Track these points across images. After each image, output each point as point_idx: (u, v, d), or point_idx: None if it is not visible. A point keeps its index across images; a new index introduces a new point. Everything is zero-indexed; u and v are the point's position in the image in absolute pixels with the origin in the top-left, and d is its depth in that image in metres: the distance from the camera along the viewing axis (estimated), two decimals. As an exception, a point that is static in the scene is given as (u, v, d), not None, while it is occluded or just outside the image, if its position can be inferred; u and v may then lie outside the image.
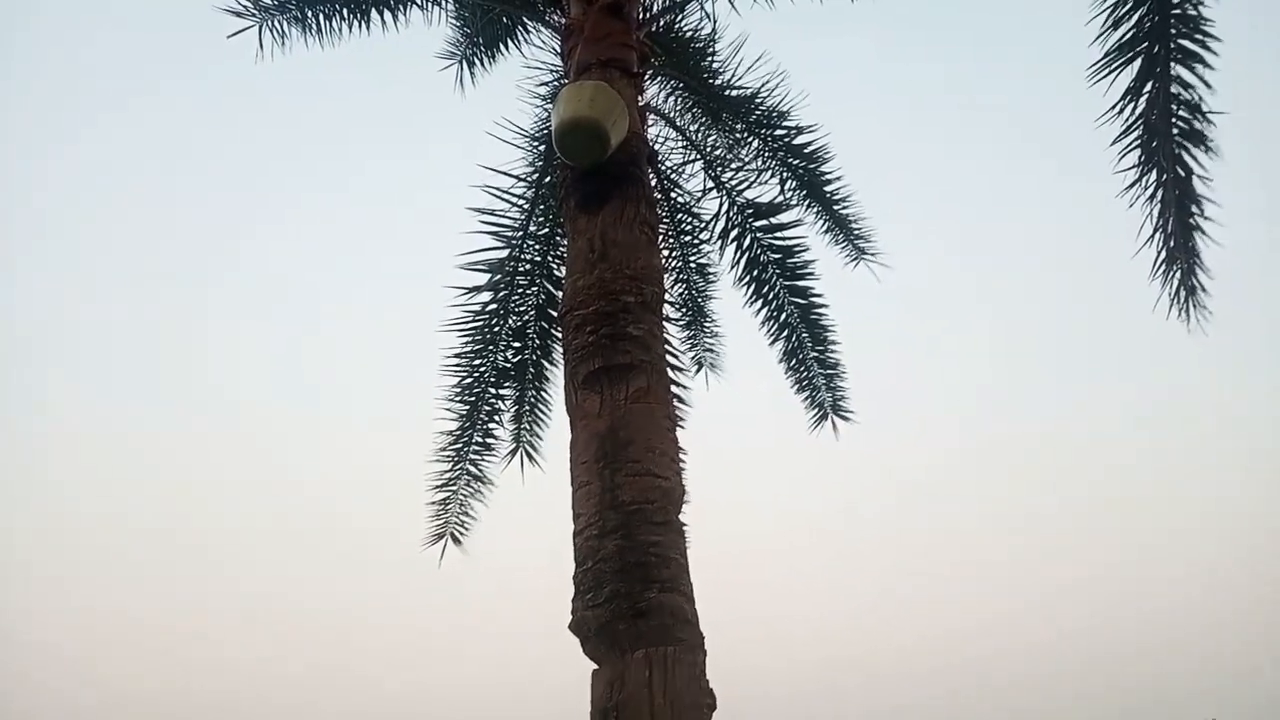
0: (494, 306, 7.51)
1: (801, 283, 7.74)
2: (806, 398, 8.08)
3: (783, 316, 7.87)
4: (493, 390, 7.72)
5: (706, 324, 8.40)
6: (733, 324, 8.26)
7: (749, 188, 7.57)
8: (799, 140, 7.51)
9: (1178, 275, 5.90)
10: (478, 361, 7.63)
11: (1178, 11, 5.41)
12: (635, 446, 5.33)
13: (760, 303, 7.86)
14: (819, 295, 7.76)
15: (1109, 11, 5.40)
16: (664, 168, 7.60)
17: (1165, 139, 5.68)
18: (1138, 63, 5.50)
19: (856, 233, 7.85)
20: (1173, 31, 5.50)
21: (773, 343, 7.97)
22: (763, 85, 7.31)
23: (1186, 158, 5.72)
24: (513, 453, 7.94)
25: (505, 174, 7.19)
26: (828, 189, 7.73)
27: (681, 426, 7.42)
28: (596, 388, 5.52)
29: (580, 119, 5.56)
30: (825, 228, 7.91)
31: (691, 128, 7.46)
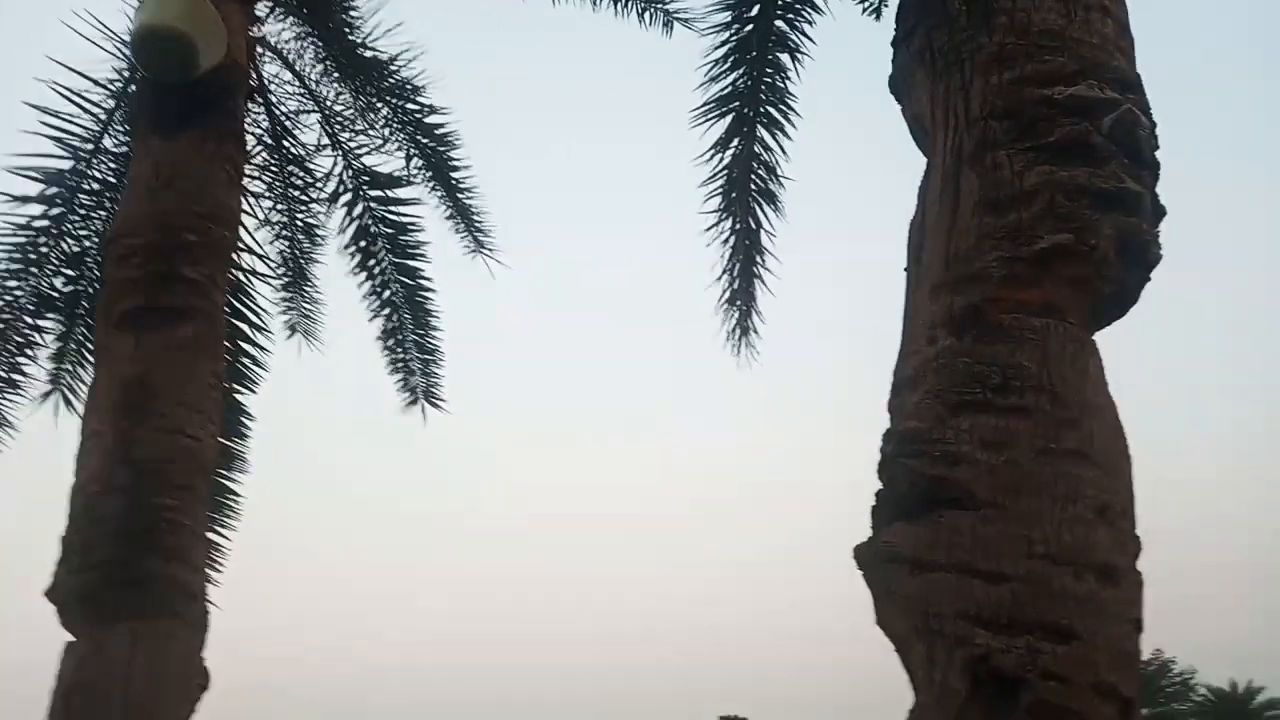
0: (45, 224, 6.49)
1: (411, 262, 7.54)
2: (400, 380, 7.89)
3: (386, 294, 7.62)
4: (29, 320, 6.66)
5: (307, 288, 7.92)
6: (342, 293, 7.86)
7: (369, 154, 7.26)
8: (431, 119, 7.34)
9: (736, 315, 6.53)
10: (13, 284, 6.55)
11: (768, 81, 5.99)
12: (165, 399, 4.81)
13: (365, 275, 7.56)
14: (427, 278, 7.61)
15: (711, 66, 5.85)
16: (279, 113, 7.07)
17: (743, 192, 6.27)
18: (729, 118, 6.02)
19: (478, 224, 7.81)
20: (762, 97, 6.09)
21: (372, 319, 7.69)
22: (401, 54, 7.05)
23: (759, 212, 6.35)
24: (46, 395, 6.90)
25: (81, 75, 6.26)
26: (454, 175, 7.63)
27: (250, 389, 6.93)
28: (132, 328, 4.92)
29: (163, 27, 4.96)
30: (448, 214, 7.80)
31: (314, 78, 7.01)
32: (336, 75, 7.16)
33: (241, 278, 6.70)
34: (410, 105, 7.27)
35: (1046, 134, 2.81)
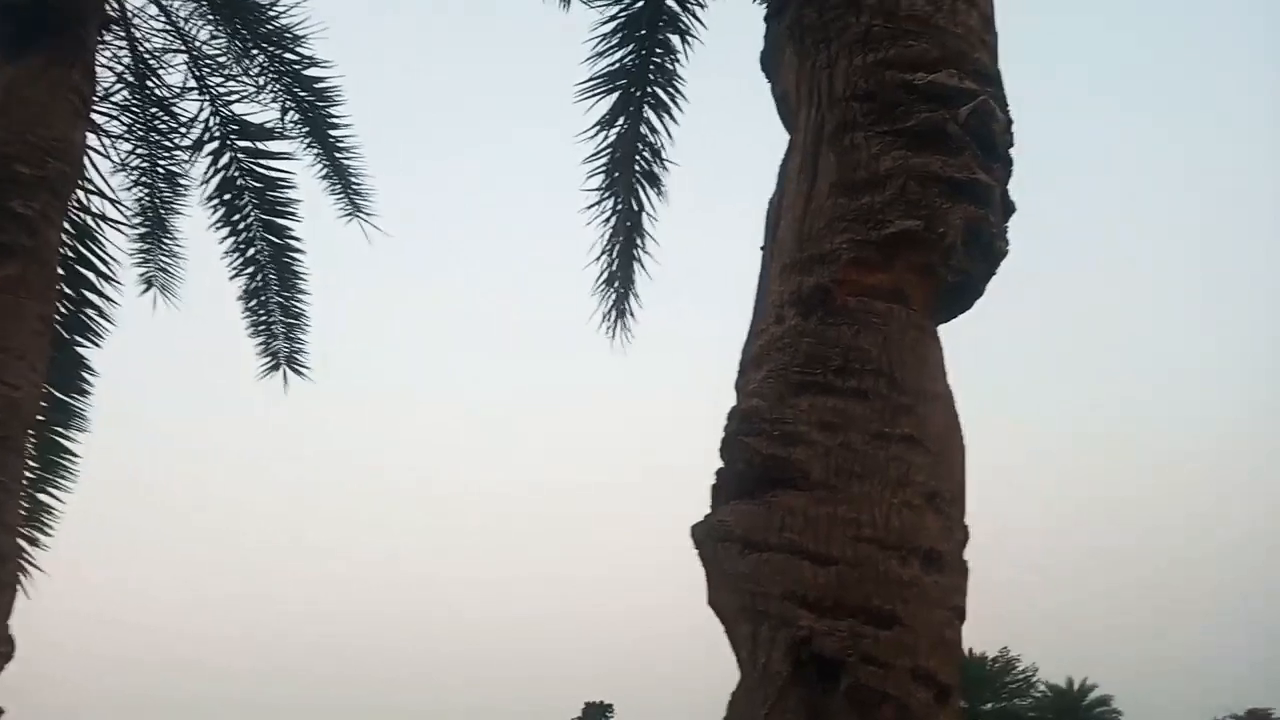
0: None
1: (280, 220, 7.19)
2: (260, 344, 7.52)
3: (251, 251, 7.25)
4: None
5: (166, 239, 7.46)
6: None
7: (241, 102, 6.88)
8: (311, 72, 7.00)
9: (613, 296, 6.44)
10: None
11: (657, 61, 5.92)
12: (-20, 341, 4.42)
13: (228, 230, 7.17)
14: (297, 238, 7.27)
15: (600, 40, 5.74)
16: (143, 50, 6.61)
17: (627, 173, 6.18)
18: (614, 96, 5.92)
19: (355, 186, 7.50)
20: (651, 78, 6.01)
21: (234, 276, 7.30)
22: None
23: (641, 195, 6.28)
24: None
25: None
26: (333, 133, 7.30)
27: (94, 343, 6.45)
28: (-53, 262, 4.50)
29: None
30: (324, 173, 7.46)
31: (184, 15, 6.58)
32: (210, 15, 6.75)
33: (90, 222, 6.24)
34: (289, 55, 6.92)
35: (904, 119, 2.80)
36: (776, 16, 3.20)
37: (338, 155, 7.40)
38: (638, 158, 6.14)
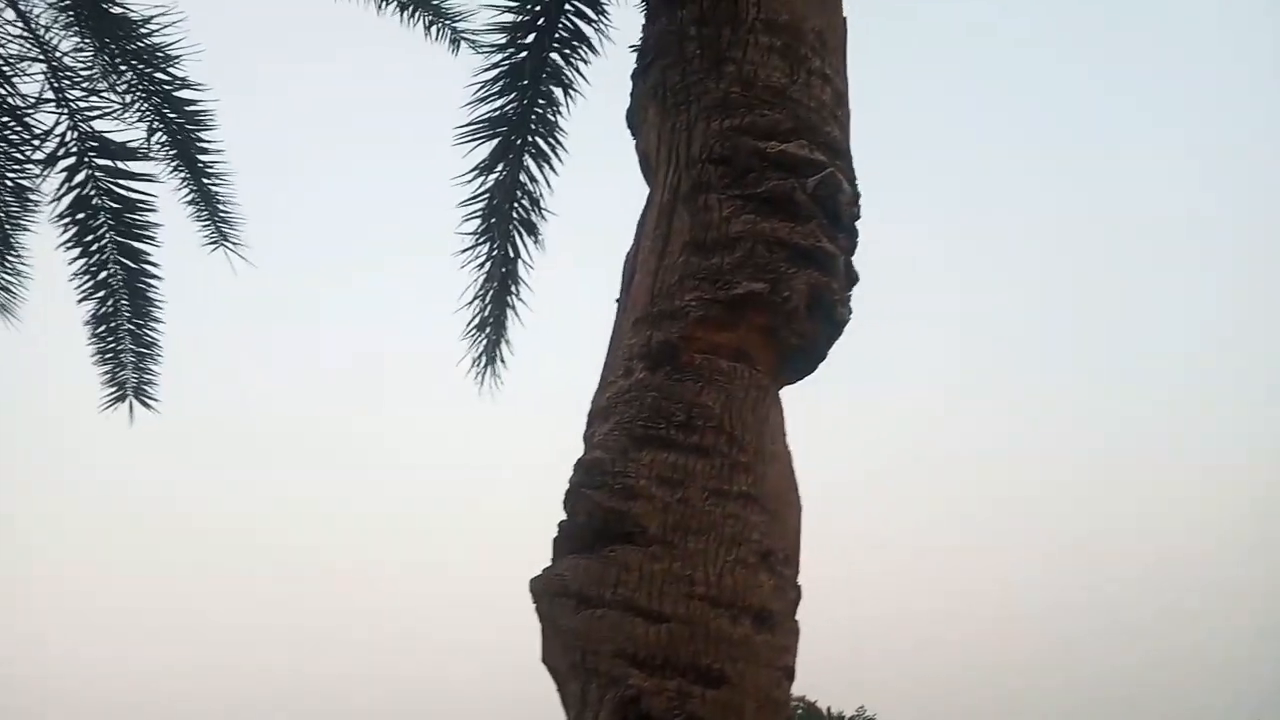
0: None
1: (137, 244, 6.84)
2: (106, 373, 7.09)
3: (103, 275, 6.86)
4: None
5: (11, 256, 7.00)
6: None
7: (102, 118, 6.55)
8: (182, 94, 6.75)
9: (485, 343, 6.36)
10: None
11: (539, 112, 5.95)
12: None
13: (80, 251, 6.77)
14: (154, 264, 6.92)
15: (481, 87, 5.73)
16: (-4, 54, 6.25)
17: (504, 219, 6.15)
18: (495, 142, 5.91)
19: (223, 214, 7.22)
20: (533, 128, 6.03)
21: (82, 300, 6.89)
22: (156, 17, 6.45)
23: (519, 242, 6.25)
24: None
25: None
26: (202, 157, 7.04)
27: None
28: None
29: None
30: (190, 198, 7.17)
31: (44, 23, 6.27)
32: (74, 26, 6.45)
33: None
34: (159, 75, 6.67)
35: (756, 185, 2.88)
36: (642, 75, 3.26)
37: (205, 180, 7.13)
38: (516, 205, 6.13)
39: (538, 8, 5.56)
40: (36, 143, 6.57)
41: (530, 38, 5.68)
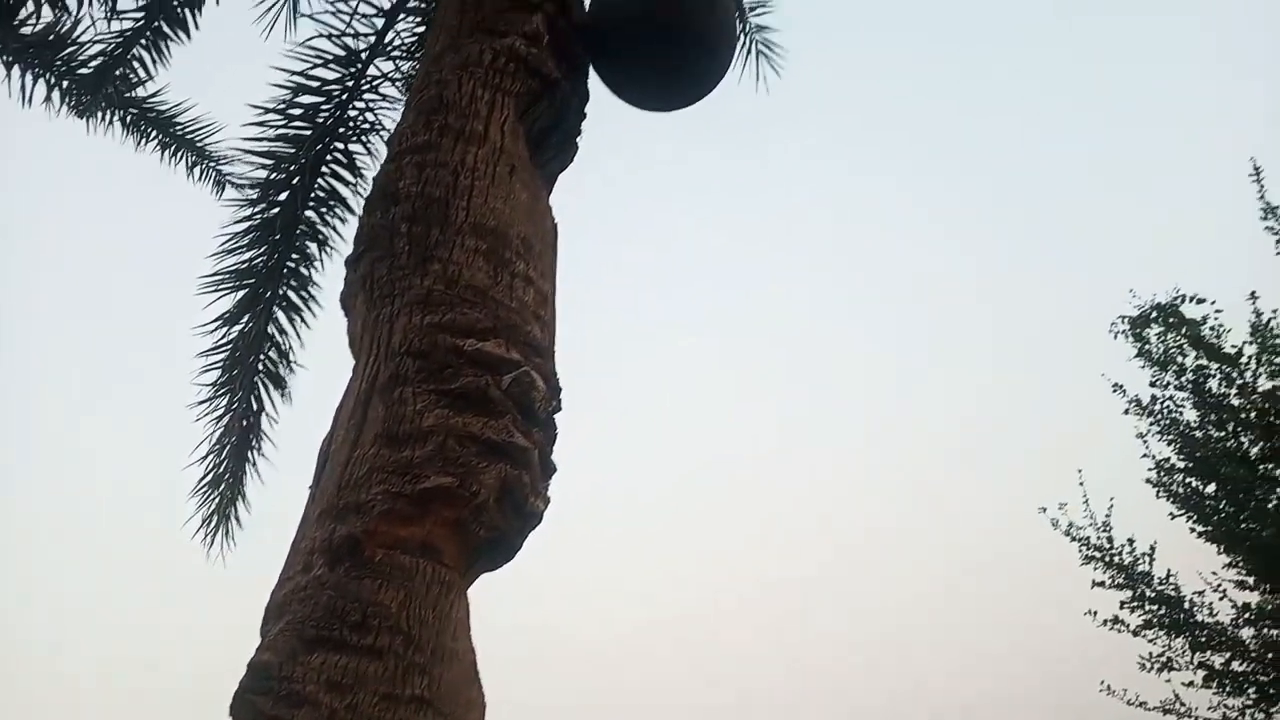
0: None
1: None
2: None
3: None
4: None
5: None
6: None
7: None
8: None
9: (217, 500, 6.03)
10: None
11: (291, 265, 5.91)
12: None
13: None
14: None
15: (231, 239, 5.65)
16: None
17: (248, 372, 5.97)
18: (242, 293, 5.79)
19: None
20: (285, 281, 5.97)
21: None
22: None
23: (264, 395, 6.06)
24: None
25: None
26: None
27: None
28: None
29: None
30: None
31: None
32: None
33: None
34: None
35: (451, 380, 2.97)
36: (354, 264, 3.33)
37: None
38: (263, 357, 5.97)
39: (293, 167, 5.61)
40: None
41: (283, 195, 5.70)
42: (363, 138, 5.63)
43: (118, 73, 6.05)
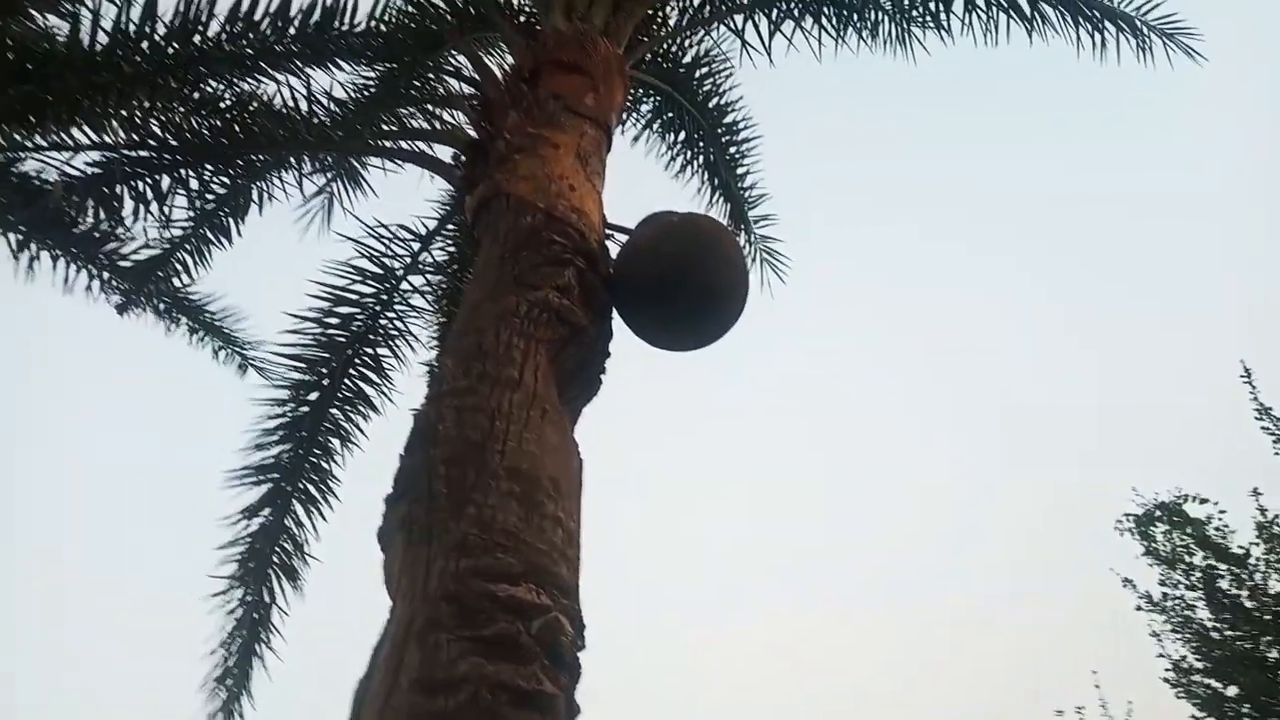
0: None
1: None
2: None
3: None
4: None
5: None
6: None
7: None
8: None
9: (224, 694, 6.01)
10: None
11: (314, 460, 6.11)
12: None
13: None
14: None
15: (256, 436, 5.87)
16: None
17: (264, 563, 6.07)
18: (265, 487, 5.97)
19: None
20: (307, 475, 6.15)
21: None
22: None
23: (275, 586, 6.14)
24: None
25: None
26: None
27: None
28: None
29: None
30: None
31: None
32: None
33: None
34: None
35: (485, 626, 3.10)
36: (393, 504, 3.52)
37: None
38: (278, 548, 6.09)
39: (324, 370, 5.90)
40: None
41: (313, 395, 5.96)
42: (391, 343, 5.94)
43: (159, 273, 6.43)
